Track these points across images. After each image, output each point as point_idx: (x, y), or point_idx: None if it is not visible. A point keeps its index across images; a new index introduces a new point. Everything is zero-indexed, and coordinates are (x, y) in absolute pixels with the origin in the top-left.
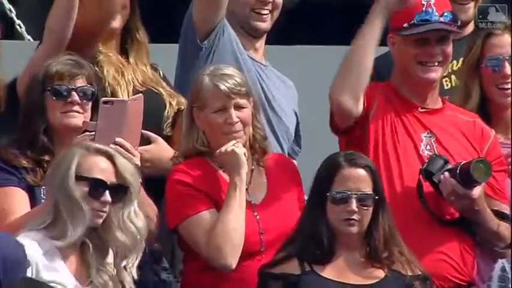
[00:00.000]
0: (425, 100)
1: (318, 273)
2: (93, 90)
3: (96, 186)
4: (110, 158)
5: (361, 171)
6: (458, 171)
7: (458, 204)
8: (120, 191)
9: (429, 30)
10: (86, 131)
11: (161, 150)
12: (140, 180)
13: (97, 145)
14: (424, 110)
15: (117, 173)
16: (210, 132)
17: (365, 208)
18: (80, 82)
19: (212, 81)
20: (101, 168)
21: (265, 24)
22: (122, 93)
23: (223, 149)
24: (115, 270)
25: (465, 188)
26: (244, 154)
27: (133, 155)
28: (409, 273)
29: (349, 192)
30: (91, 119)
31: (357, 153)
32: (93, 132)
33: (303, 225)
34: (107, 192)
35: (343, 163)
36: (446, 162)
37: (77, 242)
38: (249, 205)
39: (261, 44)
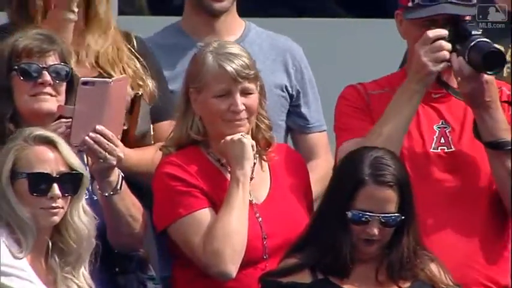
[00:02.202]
0: None
1: (334, 282)
2: (68, 69)
3: (37, 182)
4: (53, 144)
5: (388, 191)
6: (468, 51)
7: (467, 86)
8: (72, 180)
9: (436, 14)
10: (61, 117)
11: None
12: (122, 175)
13: (37, 132)
14: (438, 95)
15: (65, 160)
16: (208, 118)
17: (387, 229)
18: (52, 60)
19: (217, 60)
20: (43, 160)
21: (223, 4)
22: None
23: (229, 138)
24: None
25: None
26: (253, 147)
27: (116, 146)
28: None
29: (370, 215)
30: (65, 103)
31: (385, 161)
32: (70, 119)
33: (317, 233)
34: (55, 185)
35: (367, 178)
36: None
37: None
38: (250, 205)
39: (223, 23)
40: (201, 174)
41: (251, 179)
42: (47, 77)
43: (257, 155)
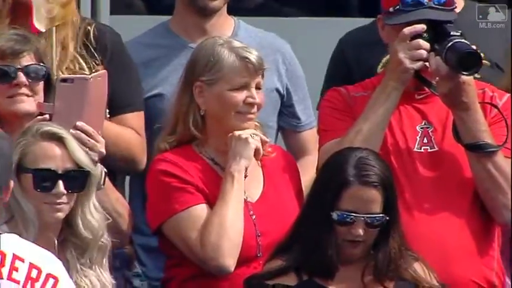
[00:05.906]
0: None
1: (319, 284)
2: (44, 68)
3: (42, 178)
4: (61, 141)
5: (373, 192)
6: (445, 51)
7: (444, 86)
8: (78, 178)
9: (416, 20)
10: (41, 114)
11: None
12: (105, 170)
13: (45, 128)
14: (421, 96)
15: (72, 157)
16: (218, 112)
17: (372, 230)
18: (27, 60)
19: (235, 53)
20: (50, 156)
21: (216, 3)
22: None
23: (237, 133)
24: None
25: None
26: (258, 150)
27: (97, 141)
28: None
29: (355, 216)
30: (45, 101)
31: (369, 162)
32: (45, 116)
33: (302, 234)
34: (60, 182)
35: (352, 179)
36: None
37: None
38: (244, 203)
39: (214, 23)
40: (196, 171)
41: (245, 177)
42: (22, 78)
43: None
